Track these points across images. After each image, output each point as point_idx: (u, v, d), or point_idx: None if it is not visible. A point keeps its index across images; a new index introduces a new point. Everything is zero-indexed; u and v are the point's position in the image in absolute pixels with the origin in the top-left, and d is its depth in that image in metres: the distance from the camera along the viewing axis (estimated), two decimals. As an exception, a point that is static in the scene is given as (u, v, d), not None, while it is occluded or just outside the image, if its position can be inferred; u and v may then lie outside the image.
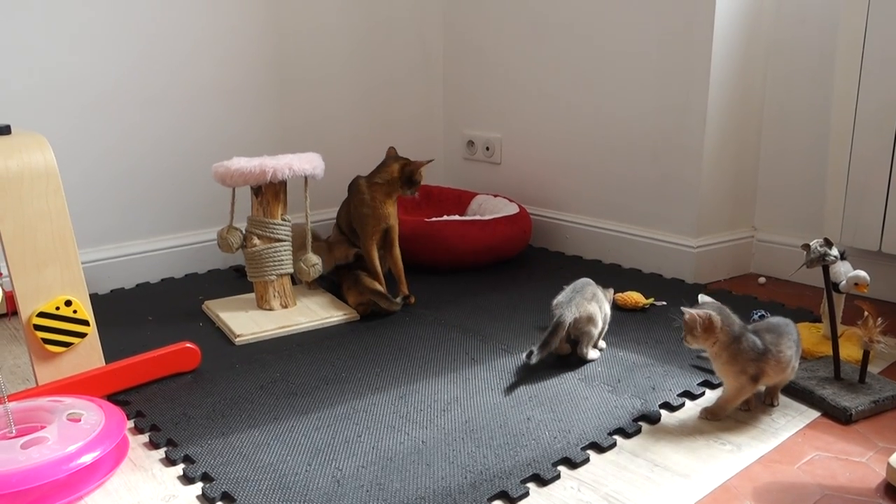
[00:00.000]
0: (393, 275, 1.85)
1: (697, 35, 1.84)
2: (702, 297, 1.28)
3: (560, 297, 1.47)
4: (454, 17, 2.47)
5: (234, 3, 2.03)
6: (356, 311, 1.71)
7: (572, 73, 2.16)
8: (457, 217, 2.09)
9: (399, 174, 1.77)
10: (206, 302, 1.77)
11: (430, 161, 1.83)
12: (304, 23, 2.18)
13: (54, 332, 1.27)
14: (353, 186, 1.82)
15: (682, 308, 1.22)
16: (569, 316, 1.41)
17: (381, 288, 1.74)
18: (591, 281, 1.52)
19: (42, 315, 1.25)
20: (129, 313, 1.75)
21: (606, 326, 1.51)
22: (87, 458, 1.03)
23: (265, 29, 2.10)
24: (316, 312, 1.70)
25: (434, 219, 2.03)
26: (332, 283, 1.86)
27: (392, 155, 1.83)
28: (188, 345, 1.43)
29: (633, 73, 2.01)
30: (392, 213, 1.79)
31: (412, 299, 1.80)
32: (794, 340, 1.25)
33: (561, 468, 1.11)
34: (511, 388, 1.35)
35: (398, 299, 1.74)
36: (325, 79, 2.25)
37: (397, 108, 2.46)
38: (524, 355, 1.40)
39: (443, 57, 2.54)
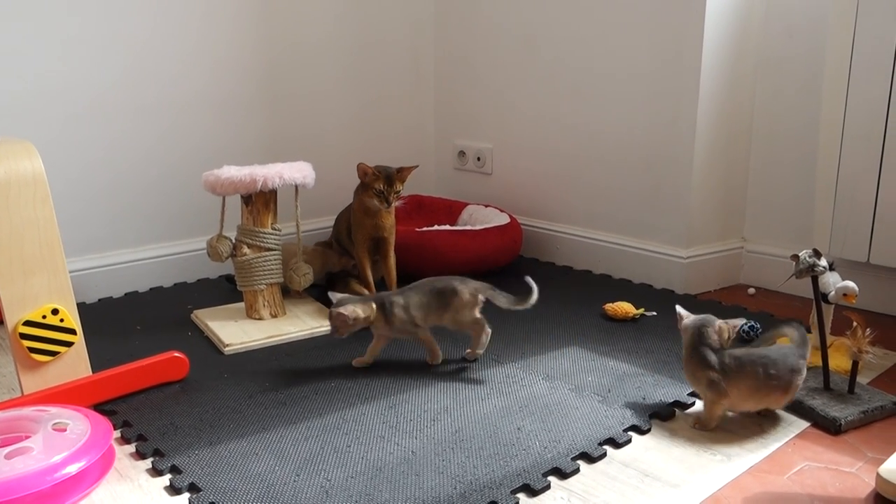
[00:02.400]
0: (385, 283, 1.84)
1: (687, 48, 1.85)
2: (679, 310, 1.30)
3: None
4: (445, 27, 2.48)
5: (226, 14, 2.03)
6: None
7: (563, 84, 2.17)
8: (447, 227, 2.09)
9: (364, 178, 1.75)
10: (194, 311, 1.76)
11: (415, 167, 1.80)
12: (295, 33, 2.18)
13: (40, 340, 1.25)
14: (355, 191, 1.82)
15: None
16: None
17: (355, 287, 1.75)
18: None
19: (28, 323, 1.24)
20: (116, 322, 1.73)
21: None
22: (73, 469, 1.02)
23: (257, 39, 2.10)
24: (305, 322, 1.69)
25: (425, 228, 2.02)
26: (323, 292, 1.85)
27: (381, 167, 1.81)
28: (176, 354, 1.42)
29: (623, 84, 2.02)
30: (384, 224, 1.78)
31: None
32: (778, 371, 1.20)
33: (551, 478, 1.11)
34: (501, 398, 1.35)
35: None
36: (315, 88, 2.25)
37: (388, 117, 2.46)
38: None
39: (434, 67, 2.54)
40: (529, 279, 1.47)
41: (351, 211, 1.83)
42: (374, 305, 1.45)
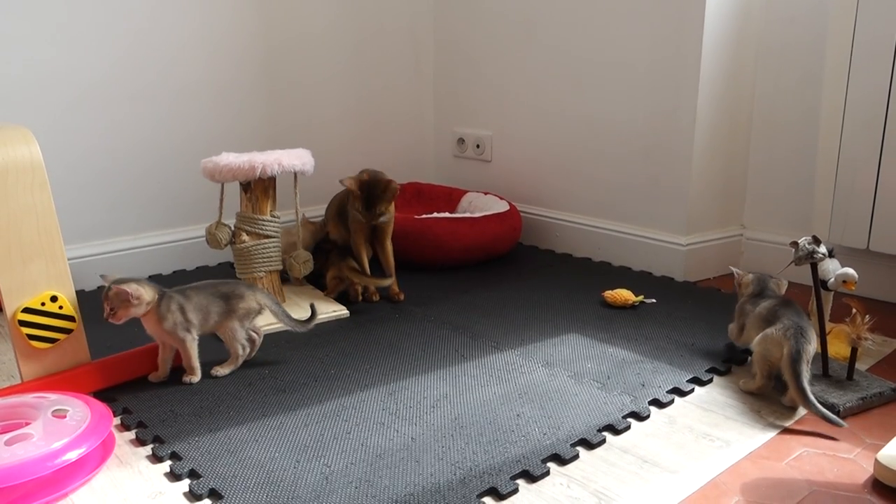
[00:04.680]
0: (382, 267, 1.83)
1: (687, 36, 1.85)
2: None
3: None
4: (445, 14, 2.47)
5: (226, 0, 2.02)
6: (328, 285, 1.77)
7: (563, 72, 2.16)
8: (447, 214, 2.08)
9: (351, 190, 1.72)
10: (194, 298, 1.76)
11: (397, 189, 1.73)
12: (294, 19, 2.16)
13: (39, 327, 1.25)
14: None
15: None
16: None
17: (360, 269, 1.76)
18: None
19: (27, 311, 1.24)
20: (116, 310, 1.73)
21: None
22: (73, 455, 1.02)
23: (256, 26, 2.09)
24: (305, 309, 1.69)
25: (424, 216, 2.02)
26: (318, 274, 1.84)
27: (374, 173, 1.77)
28: (176, 341, 1.42)
29: (623, 71, 2.01)
30: (382, 215, 1.76)
31: (401, 296, 1.81)
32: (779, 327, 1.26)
33: (550, 464, 1.11)
34: (501, 385, 1.35)
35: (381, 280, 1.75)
36: (315, 75, 2.24)
37: (387, 104, 2.45)
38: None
39: (433, 54, 2.53)
40: (314, 304, 1.48)
41: (350, 202, 1.82)
42: (156, 294, 1.32)
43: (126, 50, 1.88)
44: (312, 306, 1.48)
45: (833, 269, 1.42)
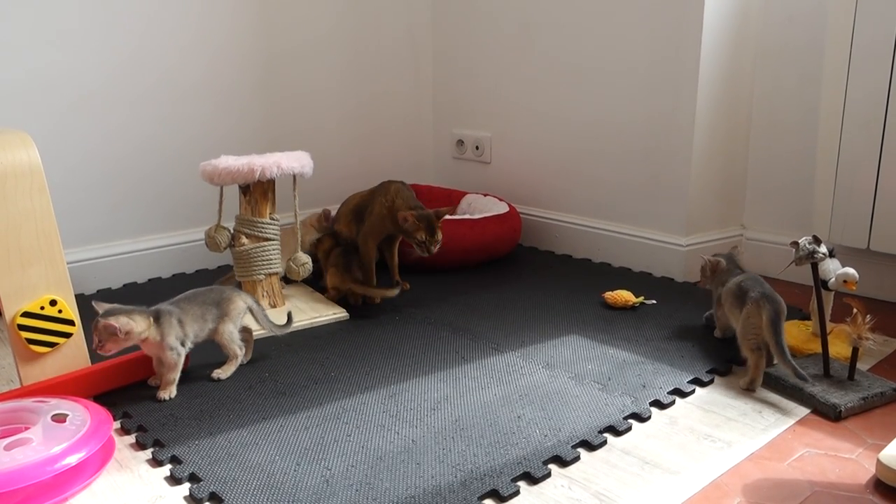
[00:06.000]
0: (388, 268, 1.86)
1: (687, 35, 1.84)
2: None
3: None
4: (444, 16, 2.47)
5: (225, 3, 2.02)
6: (329, 294, 1.77)
7: (562, 73, 2.15)
8: (447, 216, 2.08)
9: (404, 224, 1.72)
10: (193, 302, 1.76)
11: (452, 208, 1.76)
12: (294, 23, 2.16)
13: (39, 332, 1.25)
14: (388, 187, 1.80)
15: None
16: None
17: (362, 281, 1.75)
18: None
19: (26, 315, 1.23)
20: (115, 313, 1.73)
21: None
22: (73, 459, 1.02)
23: (255, 29, 2.09)
24: (305, 312, 1.69)
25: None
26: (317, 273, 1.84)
27: (406, 196, 1.78)
28: (175, 345, 1.41)
29: (623, 71, 2.01)
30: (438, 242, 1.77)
31: (406, 285, 1.86)
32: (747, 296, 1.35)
33: (551, 466, 1.11)
34: (501, 387, 1.35)
35: (386, 287, 1.74)
36: (314, 79, 2.24)
37: (387, 107, 2.45)
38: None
39: (432, 55, 2.53)
40: (289, 311, 1.51)
41: (372, 214, 1.80)
42: (150, 319, 1.29)
43: (127, 54, 1.88)
44: (289, 314, 1.50)
45: (834, 268, 1.42)
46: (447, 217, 2.04)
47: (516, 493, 1.04)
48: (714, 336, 1.55)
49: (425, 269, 2.02)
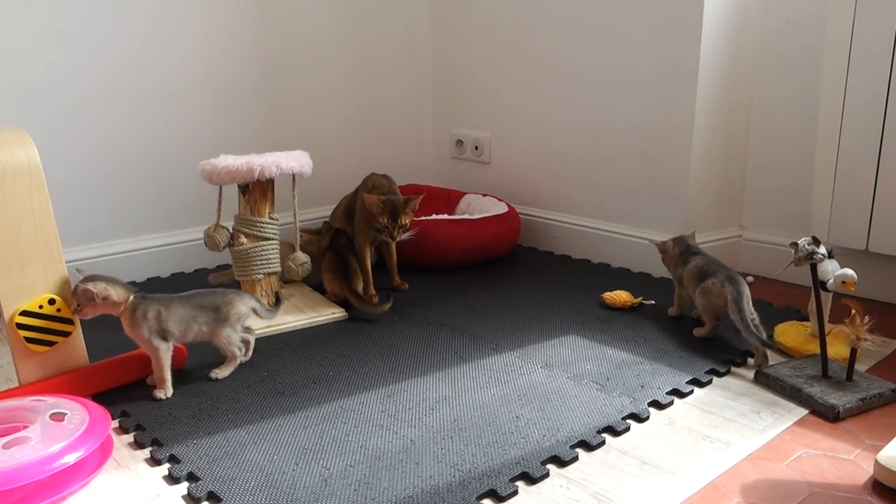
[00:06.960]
0: (387, 267, 1.87)
1: (686, 38, 1.85)
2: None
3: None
4: (443, 16, 2.47)
5: (227, 4, 2.01)
6: (328, 293, 1.77)
7: (561, 73, 2.16)
8: (445, 216, 2.08)
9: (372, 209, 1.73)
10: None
11: (422, 196, 1.78)
12: (294, 24, 2.16)
13: (37, 330, 1.25)
14: (367, 180, 1.82)
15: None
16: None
17: (359, 290, 1.74)
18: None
19: (25, 314, 1.23)
20: (114, 312, 1.73)
21: None
22: (71, 458, 1.02)
23: (256, 30, 2.09)
24: (303, 311, 1.69)
25: (423, 218, 2.02)
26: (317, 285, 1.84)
27: (381, 184, 1.80)
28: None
29: (622, 73, 2.01)
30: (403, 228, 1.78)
31: (405, 285, 1.86)
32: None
33: (550, 466, 1.11)
34: (500, 387, 1.35)
35: (379, 303, 1.73)
36: (314, 79, 2.24)
37: (386, 107, 2.45)
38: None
39: (432, 56, 2.53)
40: (281, 293, 1.61)
41: (359, 204, 1.82)
42: (131, 296, 1.30)
43: (128, 54, 1.88)
44: (278, 294, 1.56)
45: (832, 269, 1.42)
46: (447, 217, 2.04)
47: (514, 493, 1.04)
48: (670, 313, 1.68)
49: (424, 269, 2.02)
